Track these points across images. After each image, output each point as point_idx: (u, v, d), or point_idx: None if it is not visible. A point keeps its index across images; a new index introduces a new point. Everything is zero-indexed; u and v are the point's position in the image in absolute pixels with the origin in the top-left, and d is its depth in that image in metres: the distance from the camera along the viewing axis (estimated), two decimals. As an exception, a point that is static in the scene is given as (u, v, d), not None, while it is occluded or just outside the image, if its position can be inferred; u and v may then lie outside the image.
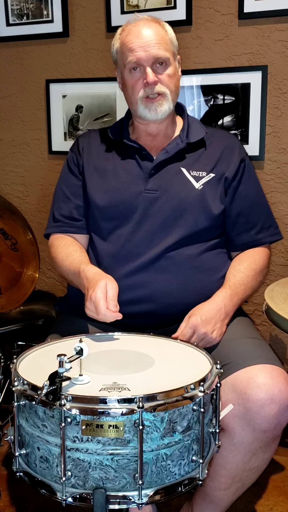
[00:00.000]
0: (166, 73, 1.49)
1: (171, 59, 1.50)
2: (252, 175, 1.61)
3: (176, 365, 1.16)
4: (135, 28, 1.50)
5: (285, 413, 1.21)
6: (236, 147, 1.60)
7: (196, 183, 1.51)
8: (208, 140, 1.59)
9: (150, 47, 1.47)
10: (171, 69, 1.50)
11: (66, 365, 1.00)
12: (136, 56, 1.47)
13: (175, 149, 1.54)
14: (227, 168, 1.54)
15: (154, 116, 1.51)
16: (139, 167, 1.54)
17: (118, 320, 1.47)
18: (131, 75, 1.50)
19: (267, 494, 1.77)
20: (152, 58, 1.47)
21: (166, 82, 1.49)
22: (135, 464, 0.97)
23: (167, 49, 1.49)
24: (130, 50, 1.48)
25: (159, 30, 1.51)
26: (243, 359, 1.28)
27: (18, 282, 1.82)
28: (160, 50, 1.47)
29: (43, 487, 1.03)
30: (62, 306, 1.65)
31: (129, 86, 1.52)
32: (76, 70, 2.23)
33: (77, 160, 1.63)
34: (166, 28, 1.54)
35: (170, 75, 1.50)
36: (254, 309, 2.09)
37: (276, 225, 1.63)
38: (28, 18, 2.25)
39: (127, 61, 1.49)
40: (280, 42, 1.92)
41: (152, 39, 1.48)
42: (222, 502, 1.37)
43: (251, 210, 1.57)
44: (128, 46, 1.49)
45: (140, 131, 1.59)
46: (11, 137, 2.40)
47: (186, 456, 1.03)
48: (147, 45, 1.47)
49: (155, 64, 1.48)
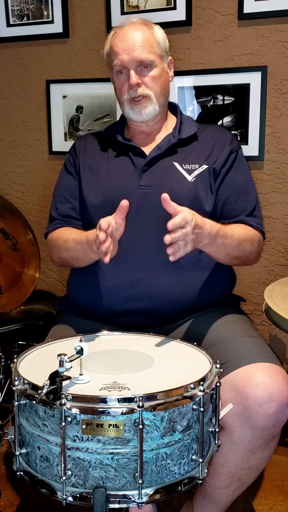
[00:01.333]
0: (151, 75, 1.52)
1: (156, 61, 1.52)
2: (243, 167, 1.61)
3: (175, 364, 1.17)
4: (122, 32, 1.54)
5: (284, 411, 1.21)
6: (228, 139, 1.60)
7: (189, 176, 1.52)
8: (200, 134, 1.60)
9: (134, 50, 1.50)
10: (156, 71, 1.52)
11: (66, 364, 1.01)
12: (120, 59, 1.51)
13: (167, 144, 1.55)
14: (216, 159, 1.55)
15: (139, 117, 1.54)
16: (132, 164, 1.56)
17: (118, 318, 1.48)
18: (118, 78, 1.55)
19: (266, 493, 1.77)
20: (135, 61, 1.50)
21: (150, 84, 1.52)
22: (135, 463, 0.98)
23: (152, 52, 1.51)
24: (115, 53, 1.53)
25: (144, 32, 1.53)
26: (242, 357, 1.28)
27: (18, 282, 1.83)
28: (144, 53, 1.50)
29: (44, 486, 1.04)
30: (62, 306, 1.66)
31: (117, 88, 1.57)
32: (76, 71, 2.24)
33: (73, 161, 1.66)
34: (154, 30, 1.56)
35: (155, 77, 1.52)
36: (253, 309, 2.10)
37: (261, 217, 1.60)
38: (29, 19, 2.25)
39: (113, 64, 1.54)
40: (280, 43, 1.93)
41: (136, 42, 1.51)
42: (222, 501, 1.38)
43: (239, 198, 1.55)
44: (114, 49, 1.53)
45: (134, 130, 1.62)
46: (12, 138, 2.40)
47: (186, 455, 1.04)
48: (131, 49, 1.50)
49: (139, 66, 1.51)
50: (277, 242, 2.05)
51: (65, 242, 1.53)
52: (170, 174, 1.52)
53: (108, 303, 1.49)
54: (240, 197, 1.56)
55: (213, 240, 1.37)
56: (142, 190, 1.51)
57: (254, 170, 1.96)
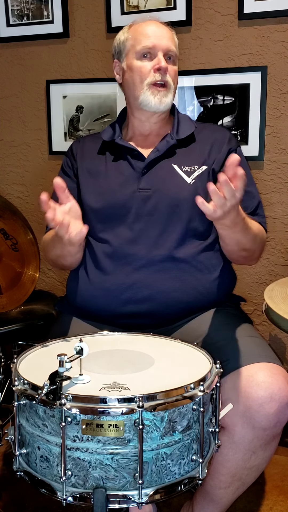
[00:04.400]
0: (173, 68, 1.55)
1: (176, 58, 1.58)
2: (242, 166, 1.58)
3: (176, 364, 1.17)
4: (148, 22, 1.56)
5: (285, 411, 1.21)
6: (226, 138, 1.59)
7: (188, 178, 1.51)
8: (198, 134, 1.59)
9: (165, 39, 1.53)
10: (176, 67, 1.57)
11: (66, 364, 1.01)
12: (153, 42, 1.51)
13: (165, 146, 1.54)
14: (215, 160, 1.55)
15: (157, 105, 1.52)
16: (131, 167, 1.54)
17: (118, 320, 1.48)
18: (141, 61, 1.53)
19: (266, 494, 1.77)
20: (166, 48, 1.52)
21: (172, 75, 1.54)
22: (135, 464, 0.98)
23: (176, 46, 1.57)
24: (146, 36, 1.52)
25: (168, 29, 1.58)
26: (243, 357, 1.28)
27: (18, 282, 1.83)
28: (172, 45, 1.54)
29: (44, 487, 1.04)
30: (62, 306, 1.66)
31: (137, 72, 1.53)
32: (76, 71, 2.24)
33: (71, 164, 1.64)
34: (173, 32, 1.60)
35: (176, 72, 1.57)
36: (253, 309, 2.10)
37: (263, 216, 1.58)
38: (29, 19, 2.25)
39: (142, 45, 1.52)
40: (280, 43, 1.93)
41: (165, 33, 1.54)
42: (222, 501, 1.37)
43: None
44: (143, 32, 1.53)
45: (133, 130, 1.60)
46: (12, 138, 2.40)
47: (186, 456, 1.03)
48: (162, 36, 1.53)
49: (166, 56, 1.53)
50: (277, 242, 2.04)
51: (48, 243, 1.55)
52: (170, 177, 1.51)
53: (108, 305, 1.48)
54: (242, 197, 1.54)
55: (235, 224, 1.30)
56: (141, 193, 1.50)
57: (254, 170, 1.96)
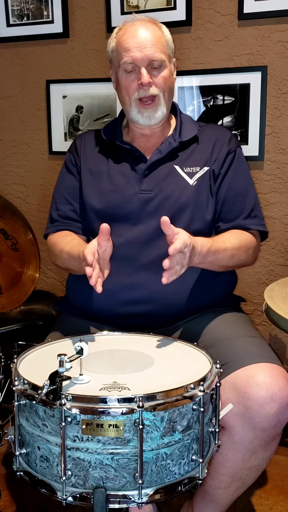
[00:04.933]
0: (161, 76, 1.48)
1: (166, 62, 1.49)
2: (242, 167, 1.59)
3: (175, 364, 1.17)
4: (132, 28, 1.49)
5: (285, 411, 1.21)
6: (226, 139, 1.58)
7: (190, 179, 1.51)
8: (200, 135, 1.58)
9: (146, 48, 1.45)
10: (166, 71, 1.49)
11: (66, 364, 1.01)
12: (132, 56, 1.45)
13: (167, 148, 1.53)
14: (215, 160, 1.54)
15: (147, 122, 1.51)
16: (132, 168, 1.54)
17: (118, 321, 1.48)
18: (126, 76, 1.49)
19: (266, 494, 1.77)
20: (147, 59, 1.45)
21: (160, 84, 1.48)
22: (135, 464, 0.98)
23: (163, 51, 1.48)
24: (126, 50, 1.46)
25: (156, 31, 1.49)
26: (243, 358, 1.28)
27: (18, 282, 1.83)
28: (156, 52, 1.46)
29: (44, 487, 1.04)
30: (61, 307, 1.66)
31: (123, 87, 1.51)
32: (76, 71, 2.24)
33: (75, 161, 1.63)
34: (163, 29, 1.52)
35: (165, 78, 1.49)
36: (253, 309, 2.10)
37: (261, 217, 1.59)
38: (29, 19, 2.25)
39: (122, 61, 1.47)
40: (280, 43, 1.93)
41: (148, 40, 1.46)
42: (222, 501, 1.37)
43: (237, 199, 1.54)
44: (124, 45, 1.47)
45: (134, 133, 1.59)
46: (12, 138, 2.40)
47: (186, 456, 1.03)
48: (143, 46, 1.45)
49: (150, 65, 1.46)
50: (277, 242, 2.04)
51: (60, 252, 1.52)
52: (171, 178, 1.51)
53: (107, 306, 1.48)
54: (238, 198, 1.54)
55: (204, 258, 1.37)
56: (143, 195, 1.50)
57: (254, 170, 1.96)
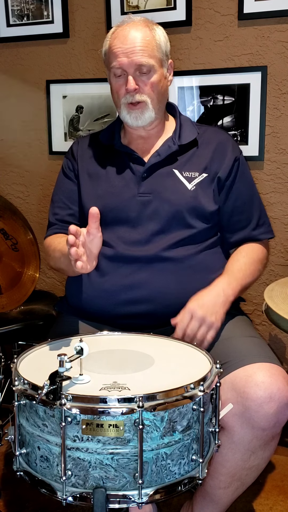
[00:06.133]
0: (150, 81, 1.47)
1: (156, 66, 1.47)
2: (246, 173, 1.60)
3: (176, 364, 1.17)
4: (122, 32, 1.47)
5: (284, 411, 1.21)
6: (229, 144, 1.58)
7: (189, 184, 1.51)
8: (200, 139, 1.58)
9: (134, 53, 1.44)
10: (154, 76, 1.47)
11: (66, 364, 1.01)
12: (119, 62, 1.46)
13: (166, 151, 1.53)
14: (220, 168, 1.53)
15: (135, 122, 1.51)
16: (131, 171, 1.54)
17: (118, 321, 1.48)
18: (115, 80, 1.50)
19: (266, 494, 1.77)
20: (134, 65, 1.45)
21: (147, 90, 1.47)
22: (135, 464, 0.98)
23: (152, 56, 1.46)
24: (114, 55, 1.47)
25: (146, 34, 1.46)
26: (242, 357, 1.28)
27: (18, 282, 1.83)
28: (144, 57, 1.44)
29: (44, 487, 1.04)
30: (61, 307, 1.66)
31: (114, 91, 1.53)
32: (76, 71, 2.24)
33: (72, 166, 1.63)
34: (156, 32, 1.49)
35: (153, 83, 1.48)
36: (253, 309, 2.10)
37: (269, 223, 1.63)
38: (29, 19, 2.25)
39: (111, 65, 1.49)
40: (280, 43, 1.93)
41: (136, 45, 1.44)
42: (222, 501, 1.38)
43: (244, 208, 1.56)
44: (113, 50, 1.48)
45: (131, 134, 1.59)
46: (12, 138, 2.40)
47: (186, 456, 1.04)
48: (131, 52, 1.44)
49: (138, 70, 1.46)
50: (277, 242, 2.05)
51: (53, 252, 1.53)
52: (170, 182, 1.51)
53: (107, 306, 1.48)
54: (246, 208, 1.57)
55: (233, 292, 1.44)
56: (141, 198, 1.50)
57: (254, 170, 1.96)
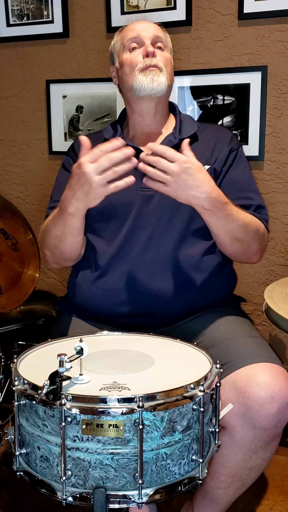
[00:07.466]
0: (164, 55, 1.54)
1: (168, 51, 1.57)
2: (243, 165, 1.59)
3: (176, 364, 1.17)
4: (136, 22, 1.58)
5: (286, 411, 1.21)
6: (227, 138, 1.59)
7: None
8: (200, 134, 1.59)
9: (150, 30, 1.54)
10: (168, 54, 1.56)
11: (66, 364, 1.01)
12: (137, 32, 1.53)
13: (167, 145, 1.52)
14: (216, 159, 1.54)
15: (150, 85, 1.48)
16: None
17: (118, 320, 1.48)
18: (130, 54, 1.53)
19: (267, 494, 1.77)
20: (152, 35, 1.53)
21: (163, 61, 1.53)
22: (135, 464, 0.98)
23: (166, 41, 1.57)
24: (131, 30, 1.55)
25: (158, 26, 1.59)
26: (243, 357, 1.28)
27: (18, 282, 1.82)
28: (159, 33, 1.55)
29: (43, 487, 1.04)
30: (62, 306, 1.66)
31: (128, 63, 1.52)
32: (76, 71, 2.24)
33: (73, 163, 1.62)
34: (166, 32, 1.61)
35: (167, 59, 1.55)
36: (254, 309, 2.10)
37: (267, 214, 1.57)
38: (29, 19, 2.25)
39: (127, 38, 1.54)
40: (280, 43, 1.93)
41: (152, 26, 1.56)
42: (222, 501, 1.37)
43: (240, 195, 1.53)
44: (129, 28, 1.56)
45: (135, 128, 1.59)
46: (12, 137, 2.40)
47: (186, 456, 1.03)
48: (147, 28, 1.55)
49: (154, 42, 1.53)
50: (277, 242, 2.04)
51: (47, 226, 1.49)
52: None
53: (108, 305, 1.48)
54: (242, 195, 1.54)
55: (214, 207, 1.31)
56: (143, 192, 1.50)
57: (254, 170, 1.96)
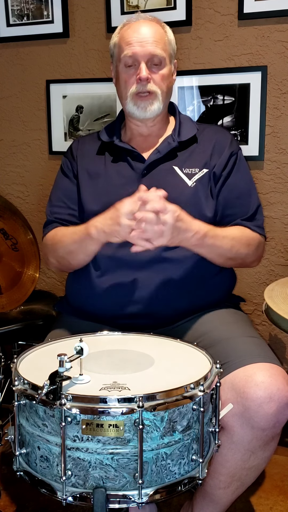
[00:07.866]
0: (160, 73, 1.49)
1: (166, 60, 1.51)
2: (243, 169, 1.58)
3: (176, 364, 1.17)
4: (136, 24, 1.51)
5: (284, 411, 1.21)
6: (227, 141, 1.58)
7: (189, 180, 1.50)
8: (199, 136, 1.58)
9: (148, 43, 1.47)
10: (165, 69, 1.50)
11: (66, 364, 1.01)
12: (132, 50, 1.47)
13: (166, 148, 1.53)
14: (216, 163, 1.53)
15: (142, 114, 1.50)
16: (131, 168, 1.53)
17: (118, 320, 1.48)
18: (125, 70, 1.50)
19: (266, 493, 1.77)
20: (148, 54, 1.47)
21: (158, 82, 1.49)
22: (135, 464, 0.98)
23: (164, 49, 1.50)
24: (127, 43, 1.48)
25: (159, 29, 1.51)
26: (242, 357, 1.28)
27: (18, 282, 1.83)
28: (157, 48, 1.48)
29: (44, 487, 1.04)
30: (61, 307, 1.66)
31: (122, 81, 1.52)
32: (76, 71, 2.24)
33: (71, 165, 1.63)
34: (166, 29, 1.55)
35: (164, 76, 1.50)
36: (253, 309, 2.10)
37: (262, 219, 1.57)
38: (29, 19, 2.25)
39: (123, 54, 1.49)
40: (280, 43, 1.93)
41: (151, 36, 1.48)
42: (222, 501, 1.37)
43: (238, 202, 1.54)
44: (126, 39, 1.49)
45: (132, 131, 1.59)
46: (12, 138, 2.40)
47: (186, 456, 1.04)
48: (145, 41, 1.47)
49: (150, 61, 1.48)
50: (277, 242, 2.05)
51: (62, 237, 1.51)
52: (170, 179, 1.50)
53: (107, 306, 1.48)
54: (240, 201, 1.54)
55: (202, 241, 1.36)
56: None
57: (254, 170, 1.96)
